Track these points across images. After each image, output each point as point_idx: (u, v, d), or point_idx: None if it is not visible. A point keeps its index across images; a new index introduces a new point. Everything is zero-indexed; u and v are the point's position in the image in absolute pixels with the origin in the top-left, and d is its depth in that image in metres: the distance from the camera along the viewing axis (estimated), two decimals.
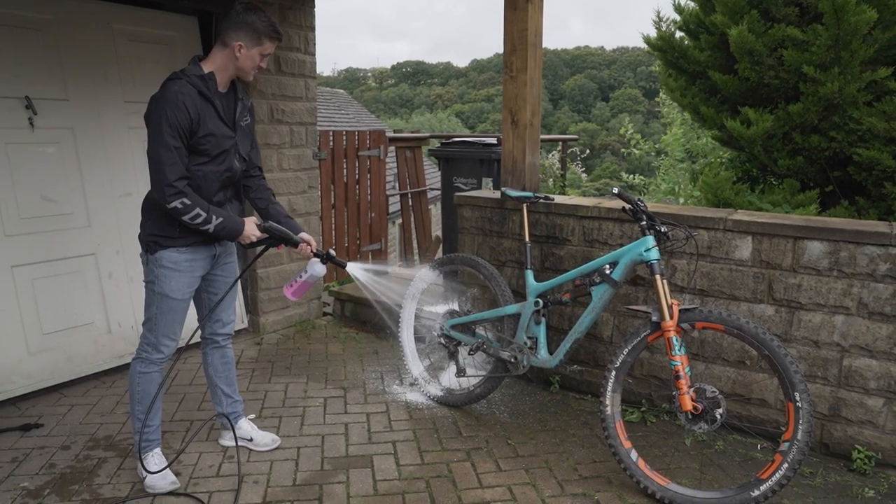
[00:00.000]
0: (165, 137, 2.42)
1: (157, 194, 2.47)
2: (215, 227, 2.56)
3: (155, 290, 2.65)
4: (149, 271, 2.67)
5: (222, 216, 2.59)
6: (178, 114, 2.42)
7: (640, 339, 2.78)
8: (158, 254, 2.61)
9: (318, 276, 2.93)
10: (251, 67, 2.61)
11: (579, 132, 43.39)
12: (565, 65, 73.17)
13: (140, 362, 2.74)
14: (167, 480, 2.73)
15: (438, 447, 3.11)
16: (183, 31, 4.26)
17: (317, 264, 2.90)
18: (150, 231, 2.63)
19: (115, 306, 3.91)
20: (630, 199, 2.80)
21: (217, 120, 2.56)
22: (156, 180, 2.47)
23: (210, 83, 2.54)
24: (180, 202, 2.46)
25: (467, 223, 3.97)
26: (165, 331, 2.70)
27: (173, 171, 2.44)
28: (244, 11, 2.54)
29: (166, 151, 2.43)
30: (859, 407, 2.94)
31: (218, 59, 2.57)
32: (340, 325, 4.94)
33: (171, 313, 2.69)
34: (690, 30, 4.92)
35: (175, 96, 2.43)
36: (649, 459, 2.93)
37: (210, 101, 2.53)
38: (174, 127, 2.42)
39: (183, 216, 2.49)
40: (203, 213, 2.51)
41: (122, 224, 3.94)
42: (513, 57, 3.70)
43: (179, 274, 2.65)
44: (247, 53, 2.56)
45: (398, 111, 65.33)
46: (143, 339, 2.74)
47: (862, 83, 3.82)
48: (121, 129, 3.94)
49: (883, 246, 2.82)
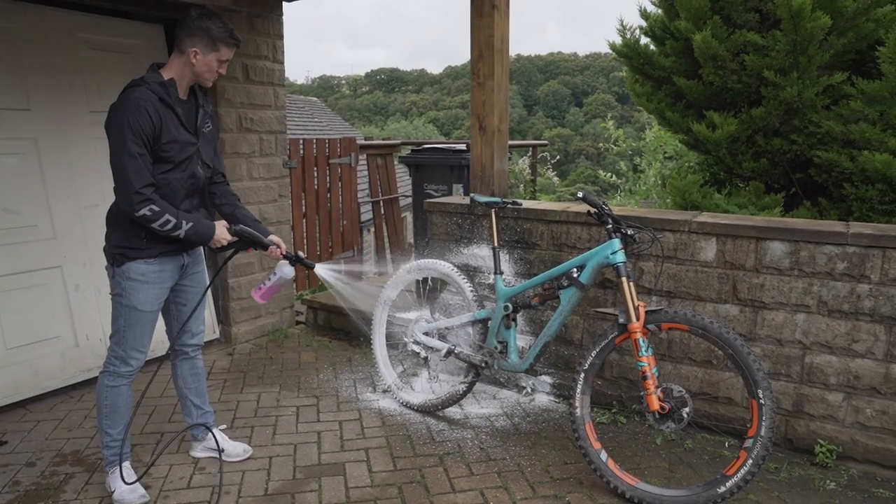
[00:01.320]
0: (129, 145, 2.39)
1: (124, 203, 2.43)
2: (186, 233, 2.53)
3: (123, 303, 2.61)
4: (115, 284, 2.62)
5: (192, 220, 2.56)
6: (141, 120, 2.40)
7: (608, 341, 2.82)
8: (125, 266, 2.58)
9: (287, 278, 2.92)
10: (209, 74, 2.58)
11: (553, 138, 43.76)
12: (539, 71, 73.78)
13: (108, 376, 2.70)
14: (136, 494, 2.69)
15: (411, 453, 3.12)
16: (149, 40, 4.23)
17: (285, 266, 2.89)
18: (116, 243, 2.59)
19: (82, 319, 3.86)
20: (595, 203, 2.84)
21: (179, 127, 2.54)
22: (122, 189, 2.42)
23: (171, 89, 2.52)
24: (149, 209, 2.43)
25: (438, 229, 3.99)
26: (134, 343, 2.67)
27: (139, 178, 2.41)
28: (199, 17, 2.52)
29: (130, 159, 2.40)
30: (821, 402, 3.01)
31: (176, 67, 2.55)
32: (313, 333, 4.92)
33: (140, 326, 2.65)
34: (656, 35, 5.01)
35: (136, 103, 2.41)
36: (619, 459, 2.96)
37: (171, 107, 2.51)
38: (137, 134, 2.39)
39: (152, 223, 2.45)
40: (173, 219, 2.48)
41: (89, 236, 3.89)
42: (480, 63, 3.74)
43: (148, 286, 2.62)
44: (203, 59, 2.53)
45: (373, 119, 65.26)
46: (110, 352, 2.71)
47: (819, 87, 3.93)
48: (86, 139, 3.90)
49: (840, 245, 2.90)
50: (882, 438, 2.91)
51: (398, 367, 3.88)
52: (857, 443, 2.96)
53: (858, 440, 2.96)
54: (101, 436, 2.74)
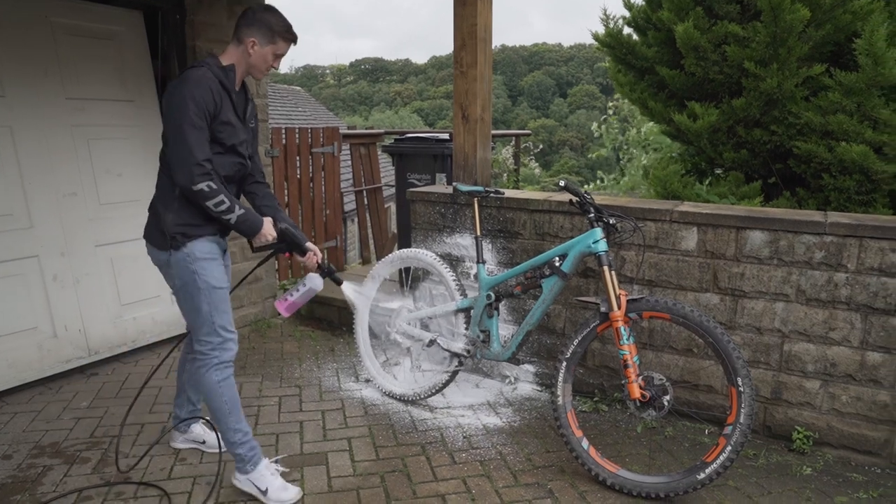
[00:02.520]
0: (192, 116, 2.31)
1: (183, 176, 2.32)
2: (237, 218, 2.44)
3: (199, 287, 2.48)
4: (182, 271, 2.48)
5: (244, 208, 2.47)
6: (205, 95, 2.35)
7: (590, 329, 2.84)
8: (189, 246, 2.46)
9: (317, 290, 2.80)
10: (263, 66, 2.54)
11: (538, 128, 43.79)
12: (524, 61, 73.67)
13: (214, 370, 2.55)
14: (292, 491, 2.63)
15: (393, 442, 3.12)
16: (127, 27, 4.17)
17: (316, 278, 2.78)
18: (175, 222, 2.45)
19: (61, 310, 3.80)
20: (577, 192, 2.85)
21: (233, 113, 2.50)
22: (182, 161, 2.32)
23: (230, 74, 2.48)
24: (207, 185, 2.33)
25: (420, 219, 3.98)
26: (224, 323, 2.55)
27: (201, 150, 2.33)
28: (261, 10, 2.50)
29: (194, 130, 2.31)
30: (798, 389, 3.06)
31: (233, 56, 2.52)
32: (296, 323, 4.90)
33: (223, 303, 2.55)
34: (639, 26, 5.02)
35: (200, 79, 2.36)
36: (601, 447, 2.99)
37: (228, 92, 2.47)
38: (200, 108, 2.33)
39: (207, 201, 2.36)
40: (227, 201, 2.39)
41: (67, 225, 3.83)
42: (463, 52, 3.73)
43: (216, 262, 2.53)
44: (259, 51, 2.50)
45: (357, 108, 64.86)
46: (203, 345, 2.55)
47: (799, 79, 3.96)
48: (63, 126, 3.83)
49: (818, 234, 2.93)
50: (857, 424, 2.96)
51: (381, 356, 3.88)
52: (833, 429, 3.01)
53: (834, 426, 3.01)
54: (230, 435, 2.58)
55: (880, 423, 2.93)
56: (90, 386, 3.73)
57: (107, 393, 3.64)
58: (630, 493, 2.66)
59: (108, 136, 4.07)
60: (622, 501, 2.65)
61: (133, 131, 4.22)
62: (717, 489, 2.72)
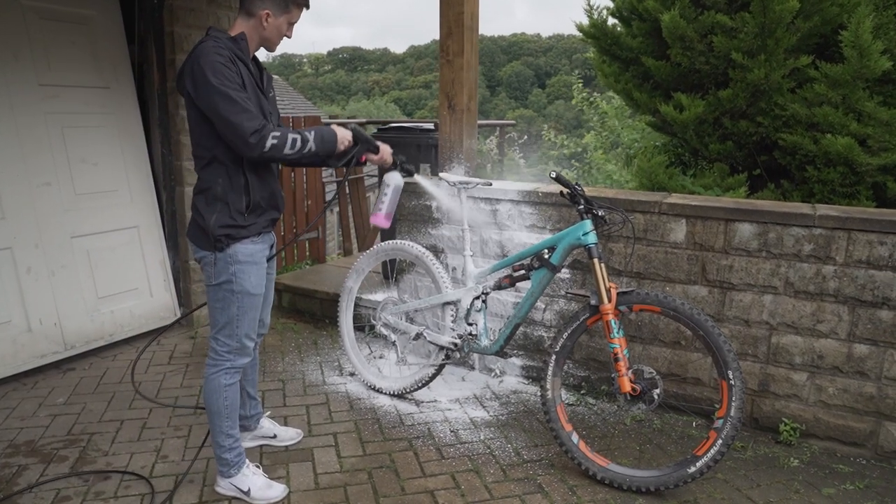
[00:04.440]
0: (221, 88, 2.17)
1: (248, 149, 2.22)
2: (314, 143, 2.35)
3: (234, 290, 2.40)
4: (220, 271, 2.39)
5: (312, 129, 2.38)
6: (224, 61, 2.21)
7: (580, 322, 2.81)
8: (233, 248, 2.37)
9: (401, 186, 2.87)
10: (277, 37, 2.40)
11: (516, 118, 43.75)
12: (502, 51, 73.58)
13: (224, 374, 2.48)
14: (278, 489, 2.58)
15: (380, 437, 3.07)
16: (101, 11, 4.03)
17: (396, 175, 2.81)
18: (220, 224, 2.34)
19: (35, 303, 3.68)
20: (568, 184, 2.81)
21: (251, 82, 2.35)
22: (238, 136, 2.20)
23: (242, 44, 2.33)
24: (272, 138, 2.23)
25: (406, 210, 3.92)
26: (248, 331, 2.48)
27: (247, 117, 2.19)
28: None
29: (229, 102, 2.18)
30: (786, 382, 3.07)
31: (241, 29, 2.36)
32: (278, 315, 4.82)
33: (253, 311, 2.47)
34: (623, 16, 4.98)
35: (215, 49, 2.21)
36: (590, 441, 2.98)
37: (245, 63, 2.32)
38: (229, 77, 2.20)
39: (283, 151, 2.26)
40: (297, 136, 2.30)
41: (41, 216, 3.71)
42: (449, 41, 3.66)
43: (257, 266, 2.44)
44: (274, 22, 2.35)
45: (335, 98, 64.29)
46: (220, 347, 2.48)
47: (786, 70, 3.96)
48: (36, 114, 3.70)
49: (807, 227, 2.93)
50: (843, 416, 2.98)
51: (365, 349, 3.82)
52: (820, 421, 3.02)
53: (821, 418, 3.02)
54: (221, 439, 2.51)
55: (866, 415, 2.95)
56: (66, 381, 3.63)
57: (84, 389, 3.54)
58: (620, 488, 2.64)
59: (83, 123, 3.94)
60: (613, 496, 2.63)
61: (109, 119, 4.09)
62: (706, 482, 2.72)
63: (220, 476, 2.57)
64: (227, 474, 2.55)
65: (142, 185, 4.26)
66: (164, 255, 4.38)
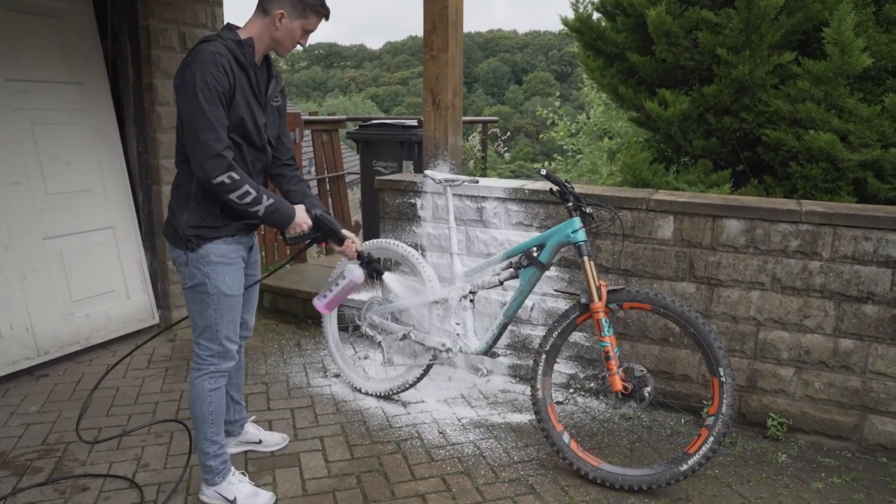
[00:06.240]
0: (204, 104, 2.10)
1: (201, 169, 2.14)
2: (265, 210, 2.25)
3: (209, 292, 2.33)
4: (193, 272, 2.32)
5: (273, 198, 2.27)
6: (219, 75, 2.12)
7: (570, 321, 2.78)
8: (204, 249, 2.29)
9: (358, 282, 2.62)
10: (289, 42, 2.30)
11: (494, 115, 43.80)
12: (479, 48, 73.48)
13: (208, 378, 2.41)
14: (265, 496, 2.50)
15: (368, 440, 3.02)
16: (72, 3, 3.90)
17: (356, 268, 2.60)
18: (190, 223, 2.28)
19: (6, 308, 3.56)
20: (558, 181, 2.78)
21: (250, 94, 2.27)
22: (198, 153, 2.12)
23: (247, 50, 2.23)
24: (228, 176, 2.13)
25: (389, 208, 3.86)
26: (228, 333, 2.41)
27: (217, 140, 2.12)
28: None
29: (208, 117, 2.10)
30: (773, 377, 3.07)
31: (254, 28, 2.27)
32: (259, 315, 4.72)
33: (231, 312, 2.39)
34: (608, 11, 4.96)
35: (213, 56, 2.12)
36: (581, 440, 2.95)
37: (245, 70, 2.23)
38: (214, 91, 2.11)
39: (230, 194, 2.17)
40: (252, 192, 2.19)
41: (11, 217, 3.58)
42: (433, 36, 3.60)
43: (231, 267, 2.35)
44: (287, 25, 2.26)
45: (311, 94, 63.67)
46: (202, 351, 2.41)
47: (770, 66, 3.96)
48: (3, 110, 3.57)
49: (794, 223, 2.94)
50: (829, 410, 3.00)
51: (350, 350, 3.75)
52: (806, 415, 3.03)
53: (807, 412, 3.03)
54: (206, 446, 2.45)
55: (851, 409, 2.96)
56: (40, 388, 3.51)
57: (58, 396, 3.43)
58: (612, 487, 2.62)
59: (54, 120, 3.82)
60: (605, 495, 2.61)
61: (82, 116, 3.97)
62: (697, 479, 2.71)
63: (205, 484, 2.50)
64: (213, 482, 2.48)
65: (117, 183, 4.15)
66: (141, 256, 4.27)
